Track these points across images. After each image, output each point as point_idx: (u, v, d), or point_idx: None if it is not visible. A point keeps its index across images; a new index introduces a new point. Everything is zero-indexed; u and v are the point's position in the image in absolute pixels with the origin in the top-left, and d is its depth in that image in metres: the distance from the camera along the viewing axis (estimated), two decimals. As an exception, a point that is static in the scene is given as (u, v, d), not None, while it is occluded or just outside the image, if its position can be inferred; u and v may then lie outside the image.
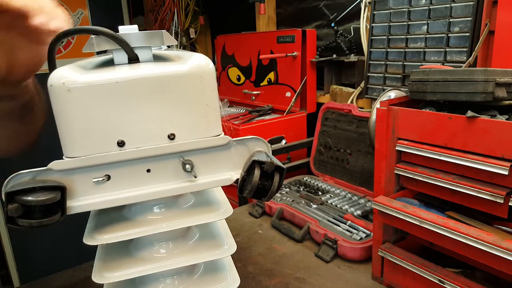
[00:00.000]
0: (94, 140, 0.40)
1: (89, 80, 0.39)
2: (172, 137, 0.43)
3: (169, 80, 0.41)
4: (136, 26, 0.44)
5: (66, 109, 0.39)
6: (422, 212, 0.66)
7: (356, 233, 0.94)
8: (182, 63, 0.42)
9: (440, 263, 0.69)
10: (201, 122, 0.44)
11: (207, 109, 0.44)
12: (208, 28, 2.54)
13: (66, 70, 0.40)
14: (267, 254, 0.95)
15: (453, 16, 1.00)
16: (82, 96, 0.39)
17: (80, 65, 0.44)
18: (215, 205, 0.52)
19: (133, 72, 0.41)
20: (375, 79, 1.23)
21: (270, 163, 0.44)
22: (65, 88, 0.38)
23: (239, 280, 0.53)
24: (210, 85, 0.44)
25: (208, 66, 0.43)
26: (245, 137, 0.47)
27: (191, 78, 0.42)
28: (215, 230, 0.56)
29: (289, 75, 1.61)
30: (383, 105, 0.73)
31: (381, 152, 0.74)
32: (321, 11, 1.56)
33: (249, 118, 1.62)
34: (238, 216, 1.16)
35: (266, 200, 0.47)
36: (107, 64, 0.44)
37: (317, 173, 1.35)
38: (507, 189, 0.59)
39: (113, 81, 0.39)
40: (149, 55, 0.44)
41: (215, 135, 0.45)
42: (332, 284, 0.82)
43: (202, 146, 0.45)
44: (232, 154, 0.47)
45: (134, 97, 0.40)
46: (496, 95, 0.62)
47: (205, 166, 0.46)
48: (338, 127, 1.29)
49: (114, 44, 0.42)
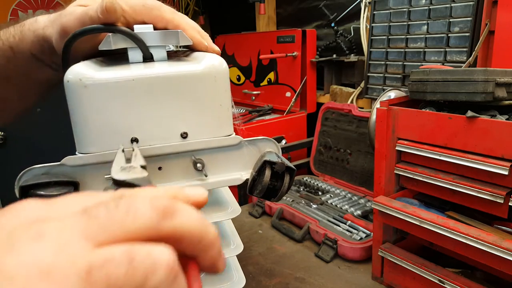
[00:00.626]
0: (108, 137, 0.41)
1: (106, 77, 0.39)
2: (185, 135, 0.43)
3: (183, 79, 0.42)
4: (151, 26, 0.44)
5: (82, 105, 0.39)
6: (422, 212, 0.66)
7: (356, 233, 0.94)
8: (197, 63, 0.43)
9: (440, 263, 0.69)
10: (213, 122, 0.44)
11: (220, 109, 0.44)
12: (208, 28, 2.54)
13: (82, 66, 0.40)
14: (267, 254, 0.95)
15: (453, 16, 1.00)
16: (98, 93, 0.39)
17: (96, 62, 0.44)
18: (224, 204, 0.52)
19: (148, 70, 0.41)
20: (375, 79, 1.23)
21: (281, 164, 0.45)
22: (82, 84, 0.39)
23: (245, 280, 0.53)
24: (224, 85, 0.44)
25: (222, 66, 0.44)
26: (256, 138, 0.48)
27: (205, 78, 0.42)
28: (222, 230, 0.56)
29: (289, 75, 1.61)
30: (383, 105, 0.73)
31: (381, 152, 0.74)
32: (321, 11, 1.56)
33: (249, 118, 1.62)
34: (238, 216, 1.15)
35: (276, 200, 0.47)
36: (122, 62, 0.44)
37: (317, 173, 1.35)
38: (507, 189, 0.59)
39: (129, 79, 0.40)
40: (163, 54, 0.44)
41: (227, 134, 0.46)
42: (332, 284, 0.82)
43: (214, 146, 0.45)
44: (243, 154, 0.47)
45: (149, 95, 0.41)
46: (496, 95, 0.62)
47: (215, 166, 0.46)
48: (338, 127, 1.29)
49: (130, 42, 0.42)
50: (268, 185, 0.45)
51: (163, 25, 0.44)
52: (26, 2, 1.99)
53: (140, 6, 0.43)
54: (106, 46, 0.43)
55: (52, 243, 0.17)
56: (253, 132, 1.46)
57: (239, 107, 1.90)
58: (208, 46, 0.47)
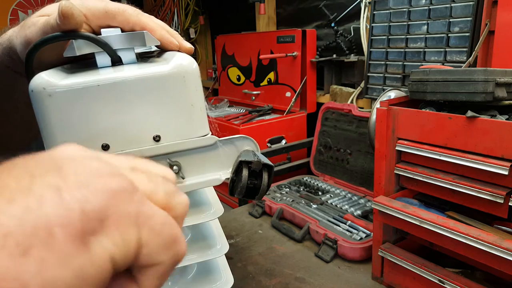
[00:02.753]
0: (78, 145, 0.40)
1: (70, 84, 0.38)
2: (158, 139, 0.42)
3: (151, 81, 0.41)
4: (119, 29, 0.43)
5: (48, 114, 0.38)
6: (422, 212, 0.66)
7: (356, 233, 0.94)
8: (165, 63, 0.42)
9: (440, 263, 0.69)
10: (186, 123, 0.43)
11: (192, 109, 0.43)
12: (208, 28, 2.55)
13: (46, 74, 0.39)
14: (267, 254, 0.95)
15: (453, 16, 1.00)
16: (64, 101, 0.38)
17: (62, 70, 0.43)
18: (206, 206, 0.52)
19: (114, 74, 0.40)
20: (375, 79, 1.23)
21: (257, 162, 0.44)
22: (46, 93, 0.37)
23: (233, 280, 0.53)
24: (194, 84, 0.43)
25: (191, 65, 0.42)
26: (232, 137, 0.47)
27: (173, 79, 0.41)
28: (207, 231, 0.56)
29: (289, 75, 1.61)
30: (383, 105, 0.73)
31: (381, 152, 0.74)
32: (321, 11, 1.56)
33: (249, 118, 1.62)
34: (238, 216, 1.16)
35: (258, 199, 0.46)
36: (91, 68, 0.43)
37: (317, 173, 1.35)
38: (507, 189, 0.59)
39: (94, 84, 0.39)
40: (132, 57, 0.43)
41: (202, 135, 0.45)
42: (332, 284, 0.82)
43: (189, 147, 0.44)
44: (220, 154, 0.47)
45: (117, 100, 0.40)
46: (496, 95, 0.62)
47: (193, 167, 0.45)
48: (338, 127, 1.29)
49: (95, 47, 0.41)
50: (247, 185, 0.44)
51: (129, 28, 0.44)
52: (26, 2, 1.99)
53: (102, 12, 0.42)
54: (71, 52, 0.41)
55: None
56: (253, 132, 1.46)
57: (239, 107, 1.90)
58: (180, 45, 0.46)
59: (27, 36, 0.43)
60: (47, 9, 0.44)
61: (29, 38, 0.42)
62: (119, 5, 0.44)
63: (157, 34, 0.44)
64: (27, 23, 0.43)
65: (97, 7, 0.43)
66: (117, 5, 0.44)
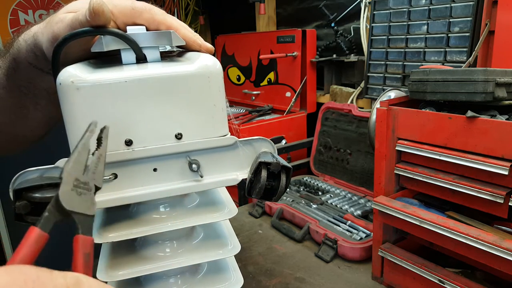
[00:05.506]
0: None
1: (98, 78, 0.39)
2: (179, 136, 0.43)
3: (176, 80, 0.41)
4: (144, 27, 0.44)
5: (74, 108, 0.39)
6: (422, 212, 0.66)
7: (356, 233, 0.94)
8: (190, 63, 0.42)
9: (440, 263, 0.69)
10: (208, 122, 0.44)
11: (214, 109, 0.44)
12: (208, 28, 2.54)
13: (74, 68, 0.40)
14: (267, 254, 0.95)
15: (453, 16, 1.00)
16: (91, 95, 0.39)
17: (88, 64, 0.44)
18: (220, 205, 0.52)
19: (141, 71, 0.41)
20: (375, 79, 1.23)
21: (276, 164, 0.45)
22: (74, 87, 0.38)
23: (243, 280, 0.53)
24: (217, 85, 0.44)
25: (215, 66, 0.43)
26: (251, 138, 0.48)
27: (198, 79, 0.42)
28: (219, 230, 0.56)
29: (289, 75, 1.61)
30: (383, 105, 0.73)
31: (381, 152, 0.74)
32: (321, 11, 1.56)
33: (249, 118, 1.62)
34: (238, 216, 1.16)
35: (275, 200, 0.47)
36: (115, 64, 0.44)
37: (317, 173, 1.35)
38: (507, 189, 0.59)
39: (121, 80, 0.39)
40: (156, 55, 0.44)
41: (222, 135, 0.45)
42: (332, 284, 0.82)
43: (209, 146, 0.45)
44: (238, 155, 0.47)
45: (142, 97, 0.41)
46: (496, 95, 0.62)
47: (211, 166, 0.46)
48: (338, 127, 1.29)
49: (122, 43, 0.42)
50: (265, 186, 0.45)
51: (155, 27, 0.44)
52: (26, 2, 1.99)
53: (129, 10, 0.43)
54: (98, 48, 0.42)
55: None
56: (253, 132, 1.46)
57: (239, 107, 1.90)
58: (202, 45, 0.47)
59: (54, 32, 0.43)
60: (72, 5, 0.45)
61: (56, 34, 0.43)
62: (145, 4, 0.45)
63: (181, 34, 0.45)
64: (53, 20, 0.44)
65: (123, 4, 0.43)
66: (143, 3, 0.45)
